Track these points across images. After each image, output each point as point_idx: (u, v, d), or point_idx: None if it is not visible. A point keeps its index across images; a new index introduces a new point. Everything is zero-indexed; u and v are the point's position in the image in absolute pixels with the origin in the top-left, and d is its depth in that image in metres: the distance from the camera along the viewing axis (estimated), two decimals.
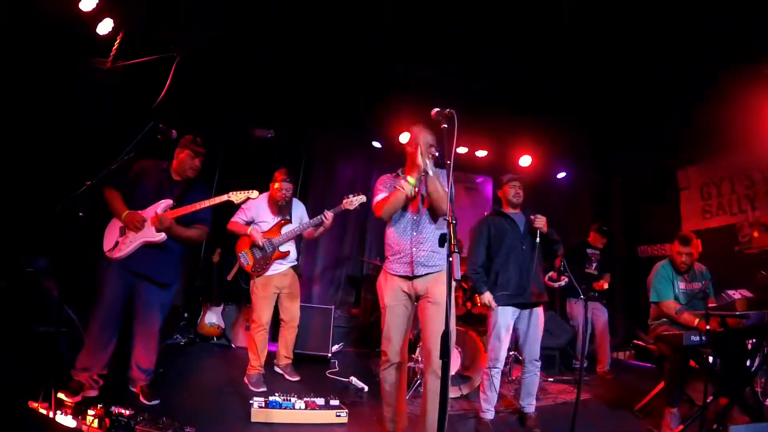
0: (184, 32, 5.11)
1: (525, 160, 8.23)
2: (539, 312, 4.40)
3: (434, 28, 5.35)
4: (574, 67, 5.87)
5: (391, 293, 3.60)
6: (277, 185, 5.06)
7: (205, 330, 6.39)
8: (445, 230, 3.29)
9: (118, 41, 4.89)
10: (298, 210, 5.35)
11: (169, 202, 4.04)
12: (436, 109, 3.02)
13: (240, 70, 5.93)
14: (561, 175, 8.98)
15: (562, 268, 4.16)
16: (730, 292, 4.24)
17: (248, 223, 5.07)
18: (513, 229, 4.49)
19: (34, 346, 4.22)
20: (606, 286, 6.68)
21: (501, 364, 4.38)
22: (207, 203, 4.02)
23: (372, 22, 5.32)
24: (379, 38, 5.58)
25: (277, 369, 5.38)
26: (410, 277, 3.55)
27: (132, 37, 4.98)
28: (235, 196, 4.09)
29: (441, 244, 2.90)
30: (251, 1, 5.07)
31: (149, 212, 4.00)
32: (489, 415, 4.36)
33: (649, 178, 8.45)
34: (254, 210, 5.09)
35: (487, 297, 4.32)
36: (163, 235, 3.96)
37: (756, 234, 6.39)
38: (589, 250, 6.94)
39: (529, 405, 4.44)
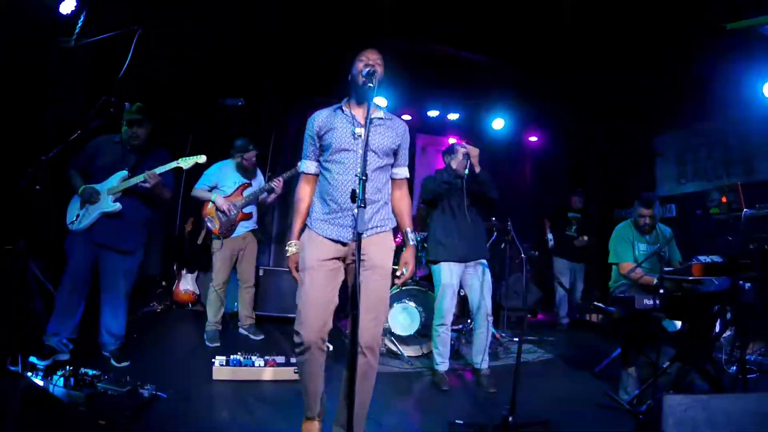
0: (148, 4, 5.14)
1: (498, 123, 8.29)
2: (485, 266, 4.47)
3: None
4: (550, 33, 5.87)
5: (314, 253, 2.86)
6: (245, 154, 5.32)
7: (181, 297, 6.62)
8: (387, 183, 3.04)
9: (81, 19, 4.92)
10: (259, 178, 5.65)
11: (123, 173, 4.20)
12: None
13: (209, 41, 5.94)
14: (533, 138, 9.12)
15: (509, 228, 4.22)
16: (702, 257, 4.14)
17: (212, 189, 5.31)
18: (455, 191, 4.53)
19: (15, 319, 4.40)
20: (580, 244, 7.35)
21: (448, 321, 4.47)
22: (156, 171, 4.15)
23: None
24: (349, 5, 5.61)
25: (242, 330, 5.62)
26: (345, 243, 2.89)
27: (96, 14, 5.01)
28: (184, 162, 4.26)
29: (352, 200, 2.39)
30: None
31: (105, 185, 4.17)
32: (443, 367, 4.49)
33: (626, 144, 8.51)
34: (215, 176, 5.35)
35: None
36: (118, 205, 4.14)
37: (724, 199, 6.42)
38: (570, 214, 7.57)
39: (483, 361, 4.51)
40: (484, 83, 7.32)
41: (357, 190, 2.40)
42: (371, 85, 2.77)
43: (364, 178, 2.42)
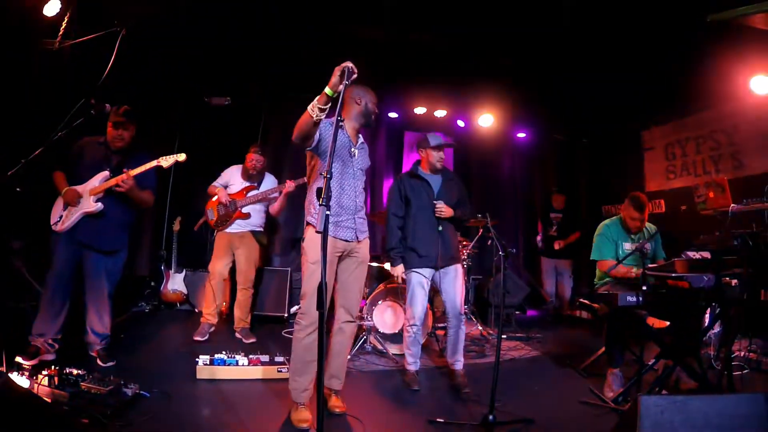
0: (132, 4, 5.13)
1: (486, 120, 8.27)
2: (457, 269, 4.43)
3: None
4: (537, 26, 5.84)
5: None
6: (249, 156, 5.56)
7: (169, 296, 6.65)
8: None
9: (65, 22, 4.93)
10: (268, 183, 5.74)
11: (105, 174, 4.22)
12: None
13: (192, 39, 5.95)
14: (521, 135, 9.11)
15: (488, 226, 4.16)
16: (690, 253, 4.14)
17: (223, 187, 5.60)
18: (426, 192, 4.46)
19: (1, 319, 4.44)
20: (557, 247, 7.56)
21: (419, 322, 4.43)
22: (139, 170, 4.17)
23: None
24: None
25: (237, 335, 5.59)
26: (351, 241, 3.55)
27: (79, 16, 5.02)
28: (165, 161, 4.28)
29: (318, 197, 2.64)
30: None
31: (87, 186, 4.20)
32: (414, 366, 4.48)
33: (614, 138, 8.54)
34: (228, 176, 5.66)
35: (399, 270, 4.46)
36: (99, 205, 4.16)
37: (711, 195, 6.37)
38: (552, 214, 7.78)
39: (457, 362, 4.47)
40: (472, 80, 7.30)
41: (321, 190, 2.60)
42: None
43: (329, 176, 2.59)
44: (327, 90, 3.02)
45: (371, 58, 5.97)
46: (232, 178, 5.61)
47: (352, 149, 3.55)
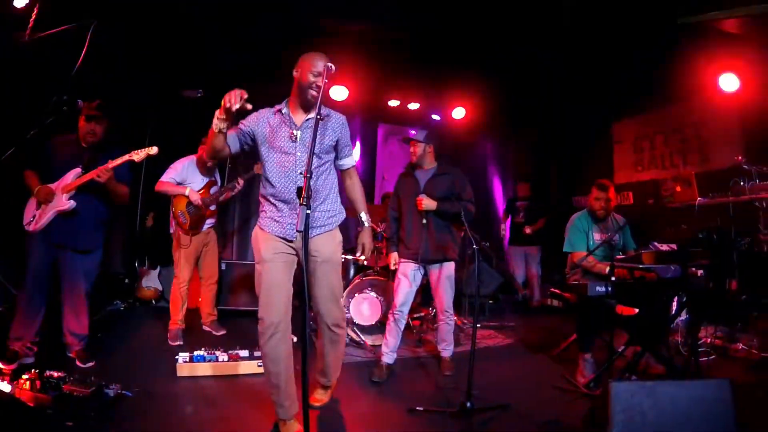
0: None
1: (458, 113, 8.39)
2: (447, 266, 4.54)
3: None
4: (508, 20, 5.91)
5: (269, 247, 3.08)
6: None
7: (144, 294, 6.60)
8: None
9: (35, 13, 4.82)
10: (217, 175, 5.59)
11: (77, 170, 4.14)
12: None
13: (164, 32, 5.88)
14: (493, 128, 9.26)
15: (462, 220, 4.23)
16: (657, 244, 4.31)
17: (179, 184, 5.22)
18: (413, 187, 4.60)
19: None
20: (527, 231, 7.75)
21: (403, 309, 4.53)
22: (109, 165, 4.05)
23: None
24: None
25: (205, 328, 5.58)
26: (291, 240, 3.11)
27: (50, 7, 4.92)
28: (137, 155, 4.12)
29: (298, 196, 2.40)
30: None
31: (60, 184, 4.12)
32: (387, 359, 4.55)
33: (585, 132, 8.73)
34: (184, 171, 5.26)
35: (393, 257, 4.70)
36: (72, 203, 4.08)
37: (678, 189, 6.53)
38: (518, 203, 8.01)
39: (445, 350, 4.70)
40: (444, 73, 7.36)
41: (301, 189, 2.40)
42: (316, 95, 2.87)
43: (308, 176, 2.42)
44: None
45: (346, 49, 5.95)
46: (190, 174, 5.28)
47: (294, 132, 3.05)
